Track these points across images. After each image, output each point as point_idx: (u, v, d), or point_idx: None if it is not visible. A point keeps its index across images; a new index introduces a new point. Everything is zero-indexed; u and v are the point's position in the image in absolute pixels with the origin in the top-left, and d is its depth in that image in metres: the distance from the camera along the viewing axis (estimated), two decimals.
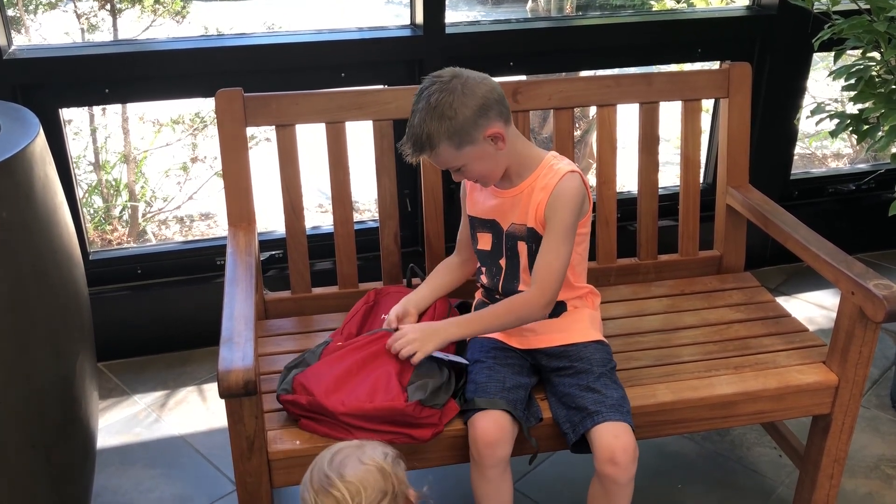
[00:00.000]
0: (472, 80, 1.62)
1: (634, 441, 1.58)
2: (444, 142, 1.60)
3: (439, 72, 1.64)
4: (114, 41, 3.60)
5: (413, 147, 1.63)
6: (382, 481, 1.32)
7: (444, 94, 1.59)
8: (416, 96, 1.63)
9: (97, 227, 3.78)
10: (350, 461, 1.33)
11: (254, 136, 3.81)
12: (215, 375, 2.11)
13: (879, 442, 2.27)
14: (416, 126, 1.61)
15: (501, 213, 1.75)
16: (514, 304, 1.71)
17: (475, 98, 1.60)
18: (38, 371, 1.60)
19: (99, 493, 2.08)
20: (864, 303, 1.69)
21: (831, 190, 3.13)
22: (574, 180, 1.68)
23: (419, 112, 1.60)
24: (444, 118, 1.58)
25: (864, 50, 2.11)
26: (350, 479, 1.30)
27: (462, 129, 1.59)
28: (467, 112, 1.59)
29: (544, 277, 1.67)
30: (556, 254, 1.66)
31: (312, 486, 1.32)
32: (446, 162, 1.65)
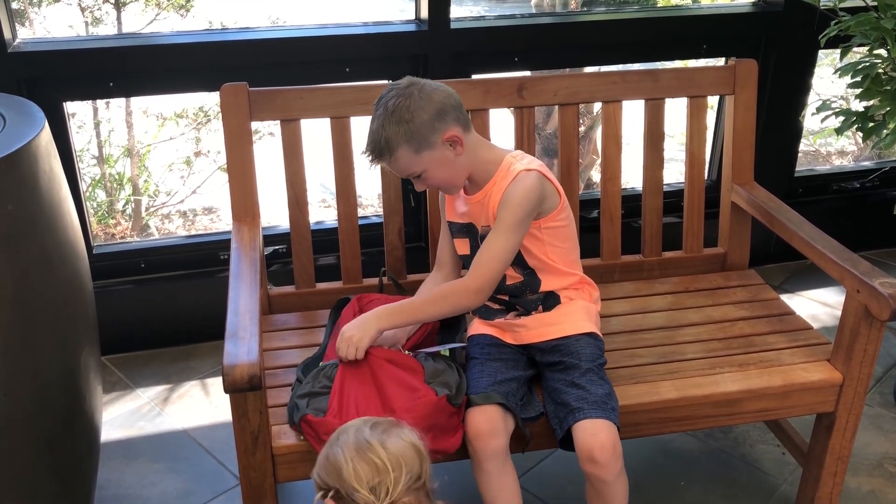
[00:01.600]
0: (428, 86, 1.64)
1: (614, 438, 1.58)
2: (402, 146, 1.61)
3: (397, 81, 1.66)
4: (118, 35, 3.60)
5: (372, 153, 1.64)
6: (419, 464, 1.27)
7: (401, 99, 1.60)
8: (375, 104, 1.65)
9: (100, 221, 3.78)
10: (392, 434, 1.28)
11: (257, 130, 3.81)
12: (219, 370, 2.11)
13: (883, 440, 2.27)
14: (374, 132, 1.62)
15: (473, 217, 1.76)
16: (445, 289, 1.72)
17: (432, 103, 1.61)
18: (43, 364, 1.60)
19: (102, 486, 2.08)
20: (869, 301, 1.68)
21: (836, 187, 3.12)
22: (527, 179, 1.66)
23: (378, 118, 1.62)
24: (401, 122, 1.59)
25: (870, 47, 2.11)
26: (392, 450, 1.24)
27: (419, 133, 1.60)
28: (424, 116, 1.60)
29: (480, 266, 1.67)
30: (493, 246, 1.66)
31: (348, 447, 1.25)
32: (406, 167, 1.64)
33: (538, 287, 1.76)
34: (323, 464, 1.28)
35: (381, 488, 1.22)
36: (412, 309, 1.71)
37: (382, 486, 1.22)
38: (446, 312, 1.72)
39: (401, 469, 1.23)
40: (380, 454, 1.24)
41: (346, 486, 1.23)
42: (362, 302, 1.87)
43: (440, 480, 1.40)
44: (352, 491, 1.22)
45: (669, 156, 2.46)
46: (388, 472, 1.23)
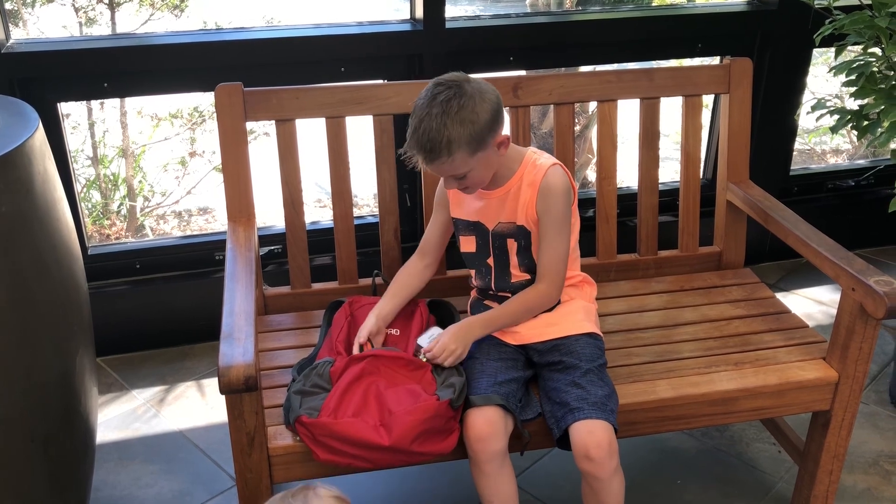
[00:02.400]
0: (482, 84, 1.61)
1: (611, 437, 1.58)
2: (463, 147, 1.57)
3: (446, 76, 1.62)
4: (112, 35, 3.59)
5: (427, 153, 1.58)
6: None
7: (464, 99, 1.56)
8: (424, 101, 1.59)
9: (95, 222, 3.77)
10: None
11: (252, 130, 3.80)
12: (214, 370, 2.10)
13: (878, 438, 2.27)
14: (433, 131, 1.56)
15: (487, 213, 1.76)
16: (528, 299, 1.74)
17: (490, 103, 1.60)
18: (38, 366, 1.60)
19: (98, 487, 2.08)
20: (864, 299, 1.69)
21: (831, 186, 3.13)
22: (558, 172, 1.70)
23: (437, 116, 1.55)
24: (465, 122, 1.56)
25: (865, 46, 2.11)
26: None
27: (480, 135, 1.58)
28: (486, 117, 1.58)
29: (551, 270, 1.72)
30: (557, 246, 1.70)
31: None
32: (456, 168, 1.61)
33: None
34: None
35: None
36: (498, 320, 1.75)
37: None
38: (531, 316, 1.77)
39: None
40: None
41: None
42: (353, 307, 1.87)
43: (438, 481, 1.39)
44: None
45: (665, 155, 2.46)
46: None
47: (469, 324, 1.72)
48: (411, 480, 2.10)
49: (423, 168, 1.64)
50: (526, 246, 1.75)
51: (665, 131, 2.27)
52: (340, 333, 1.78)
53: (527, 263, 1.76)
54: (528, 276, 1.77)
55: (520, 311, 1.75)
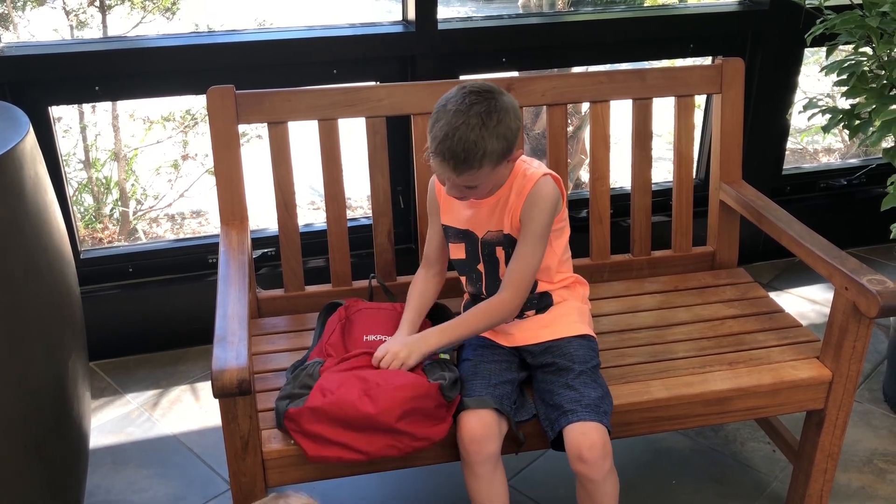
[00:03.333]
0: (511, 99, 1.61)
1: (604, 438, 1.58)
2: (493, 161, 1.57)
3: (478, 85, 1.59)
4: (103, 38, 3.57)
5: (459, 162, 1.55)
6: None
7: (502, 114, 1.56)
8: (456, 107, 1.55)
9: (87, 226, 3.76)
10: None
11: (245, 133, 3.80)
12: (208, 374, 2.09)
13: (872, 436, 2.28)
14: (469, 141, 1.53)
15: (476, 222, 1.75)
16: (488, 308, 1.71)
17: (519, 120, 1.61)
18: (31, 371, 1.59)
19: (92, 492, 2.07)
20: (857, 298, 1.69)
21: (823, 185, 3.14)
22: (547, 184, 1.68)
23: (474, 127, 1.53)
24: (501, 138, 1.55)
25: (855, 45, 2.11)
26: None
27: (510, 150, 1.59)
28: (517, 133, 1.60)
29: (517, 281, 1.69)
30: (529, 258, 1.68)
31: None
32: (474, 179, 1.60)
33: (534, 289, 1.77)
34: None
35: None
36: (455, 330, 1.71)
37: None
38: (490, 327, 1.74)
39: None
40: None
41: None
42: (350, 311, 1.86)
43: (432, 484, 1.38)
44: None
45: (657, 155, 2.47)
46: None
47: (425, 333, 1.71)
48: (406, 484, 2.09)
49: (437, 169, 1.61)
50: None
51: (658, 131, 2.27)
52: (332, 337, 1.77)
53: None
54: None
55: (481, 320, 1.71)
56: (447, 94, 1.61)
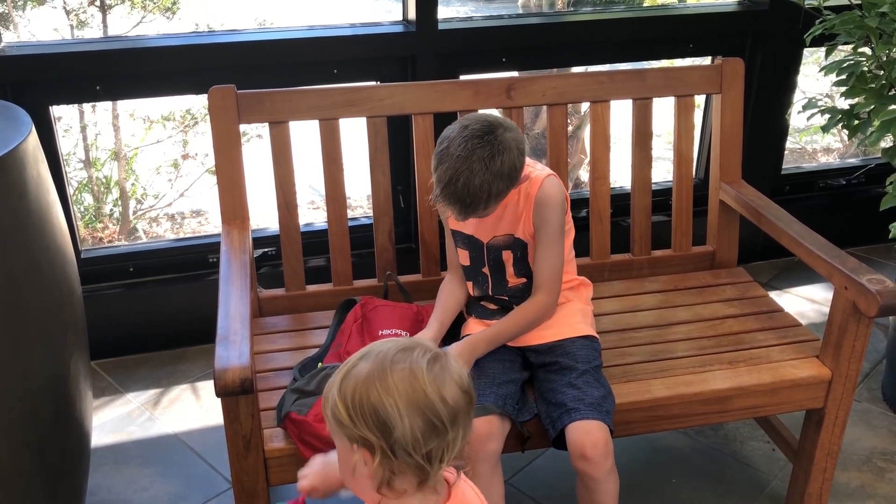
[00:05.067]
0: (513, 128, 1.60)
1: (607, 437, 1.59)
2: (500, 198, 1.59)
3: (477, 123, 1.57)
4: (104, 38, 3.58)
5: (466, 206, 1.56)
6: (470, 414, 1.10)
7: (505, 155, 1.55)
8: (458, 150, 1.54)
9: (88, 225, 3.76)
10: (447, 379, 1.07)
11: (245, 132, 3.80)
12: (209, 373, 2.10)
13: (871, 435, 2.28)
14: (475, 187, 1.53)
15: (482, 228, 1.76)
16: (527, 312, 1.74)
17: (522, 153, 1.60)
18: (32, 370, 1.59)
19: (93, 491, 2.07)
20: (857, 298, 1.70)
21: (822, 185, 3.14)
22: (553, 183, 1.70)
23: (478, 173, 1.52)
24: (505, 178, 1.56)
25: (855, 45, 2.12)
26: (451, 403, 1.06)
27: (514, 182, 1.60)
28: (521, 166, 1.60)
29: (549, 280, 1.72)
30: (553, 256, 1.71)
31: (399, 395, 1.05)
32: (485, 214, 1.64)
33: None
34: (358, 405, 1.05)
35: (436, 454, 1.06)
36: (500, 335, 1.73)
37: (438, 452, 1.06)
38: (530, 328, 1.76)
39: (457, 427, 1.07)
40: (439, 411, 1.05)
41: (396, 446, 1.05)
42: (366, 308, 1.87)
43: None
44: (404, 455, 1.05)
45: (657, 155, 2.47)
46: (446, 433, 1.06)
47: (473, 342, 1.72)
48: None
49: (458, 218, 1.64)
50: (522, 256, 1.76)
51: (657, 131, 2.27)
52: (350, 340, 1.78)
53: (523, 270, 1.77)
54: (524, 279, 1.78)
55: (521, 324, 1.74)
56: (449, 133, 1.59)
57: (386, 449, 1.05)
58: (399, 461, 1.05)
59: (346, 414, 1.05)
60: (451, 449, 1.07)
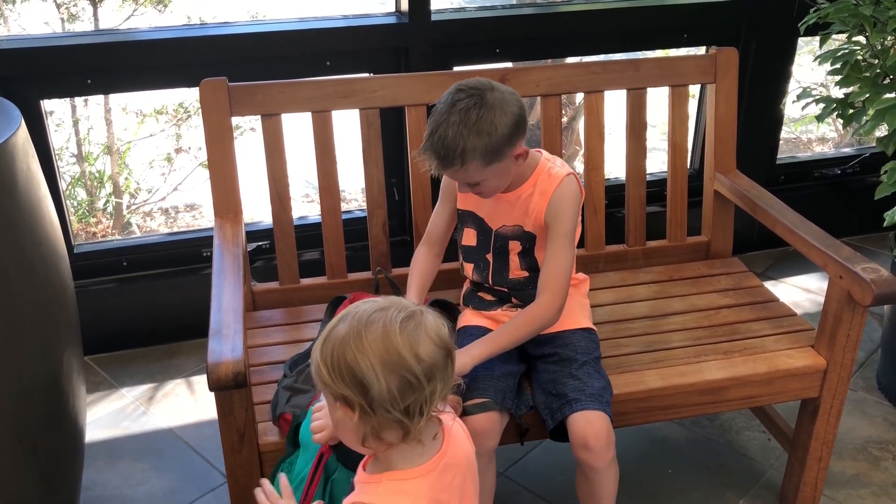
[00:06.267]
0: (507, 94, 1.58)
1: (609, 427, 1.59)
2: (477, 158, 1.55)
3: (470, 83, 1.58)
4: (95, 31, 3.55)
5: (441, 160, 1.56)
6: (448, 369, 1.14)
7: (483, 110, 1.53)
8: (443, 106, 1.56)
9: (81, 220, 3.74)
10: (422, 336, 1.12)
11: (238, 125, 3.78)
12: (203, 368, 2.09)
13: (867, 424, 2.29)
14: (449, 139, 1.53)
15: (493, 214, 1.75)
16: (529, 316, 1.67)
17: (511, 115, 1.56)
18: (25, 365, 1.58)
19: (88, 486, 2.06)
20: (852, 287, 1.70)
21: (817, 174, 3.14)
22: (571, 184, 1.68)
23: (453, 125, 1.53)
24: (482, 134, 1.53)
25: (849, 34, 2.11)
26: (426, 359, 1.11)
27: (497, 147, 1.56)
28: (505, 129, 1.55)
29: (554, 284, 1.66)
30: (562, 260, 1.66)
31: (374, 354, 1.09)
32: (469, 177, 1.60)
33: None
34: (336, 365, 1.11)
35: (415, 407, 1.11)
36: (499, 341, 1.66)
37: (416, 405, 1.11)
38: (534, 333, 1.69)
39: (435, 382, 1.12)
40: (413, 368, 1.10)
41: (374, 404, 1.10)
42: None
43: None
44: (382, 411, 1.10)
45: (652, 145, 2.46)
46: (423, 388, 1.11)
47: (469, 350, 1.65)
48: None
49: (435, 172, 1.61)
50: (529, 249, 1.75)
51: (652, 122, 2.27)
52: None
53: (528, 263, 1.76)
54: (526, 273, 1.77)
55: (521, 328, 1.67)
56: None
57: (365, 406, 1.10)
58: (378, 417, 1.11)
59: (327, 373, 1.11)
60: (430, 401, 1.12)
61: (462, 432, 1.27)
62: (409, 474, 1.17)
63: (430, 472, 1.17)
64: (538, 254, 1.74)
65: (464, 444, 1.25)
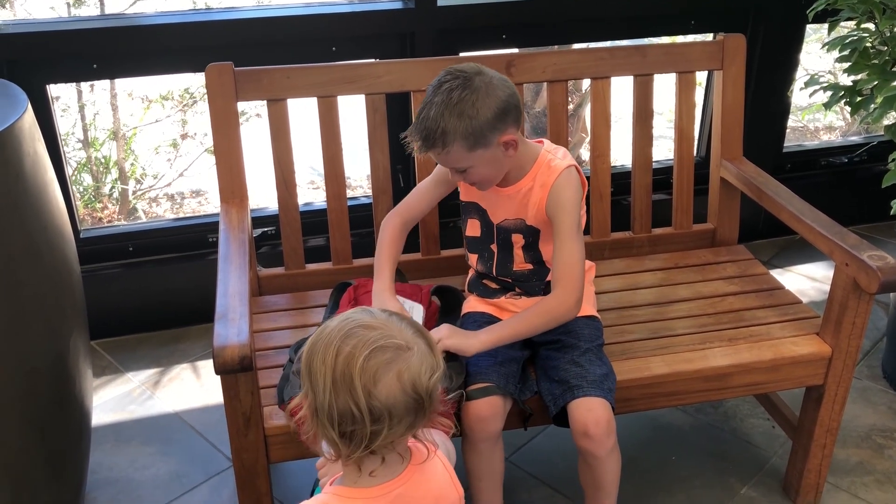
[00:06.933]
0: (495, 80, 1.57)
1: (609, 415, 1.59)
2: (458, 140, 1.54)
3: (460, 66, 1.57)
4: (101, 15, 3.55)
5: (424, 141, 1.56)
6: (410, 415, 1.09)
7: (466, 92, 1.52)
8: (431, 88, 1.56)
9: (87, 205, 3.75)
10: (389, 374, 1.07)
11: (244, 111, 3.78)
12: (209, 353, 2.10)
13: (871, 412, 2.29)
14: (430, 120, 1.53)
15: (494, 207, 1.74)
16: (544, 308, 1.64)
17: (497, 100, 1.55)
18: (32, 349, 1.59)
19: (94, 470, 2.08)
20: (858, 274, 1.69)
21: (824, 162, 3.13)
22: (572, 176, 1.66)
23: (436, 106, 1.53)
24: (463, 116, 1.52)
25: (858, 21, 2.10)
26: (381, 399, 1.06)
27: (479, 131, 1.54)
28: (488, 114, 1.53)
29: (566, 277, 1.63)
30: (572, 252, 1.63)
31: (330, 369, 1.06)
32: (453, 161, 1.59)
33: (545, 276, 1.77)
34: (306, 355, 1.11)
35: (353, 437, 1.07)
36: (510, 329, 1.64)
37: (356, 437, 1.07)
38: (548, 326, 1.66)
39: (383, 423, 1.06)
40: (359, 402, 1.05)
41: (319, 410, 1.08)
42: (358, 291, 1.86)
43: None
44: (321, 422, 1.08)
45: (658, 133, 2.45)
46: (363, 424, 1.06)
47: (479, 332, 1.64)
48: None
49: (419, 154, 1.62)
50: (533, 242, 1.74)
51: (658, 110, 2.26)
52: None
53: (532, 256, 1.76)
54: (531, 266, 1.77)
55: (533, 318, 1.64)
56: None
57: (312, 404, 1.10)
58: (318, 424, 1.09)
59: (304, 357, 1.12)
60: (374, 439, 1.07)
61: (442, 472, 1.21)
62: (353, 493, 1.13)
63: (377, 498, 1.12)
64: (543, 247, 1.74)
65: (435, 484, 1.19)
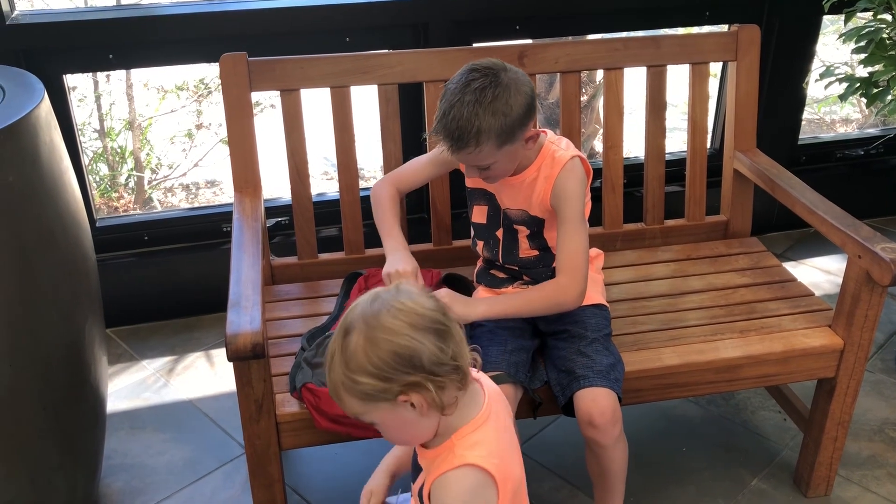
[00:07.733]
0: (519, 75, 1.56)
1: (615, 405, 1.59)
2: (492, 139, 1.53)
3: (483, 62, 1.56)
4: (117, 6, 3.57)
5: (455, 142, 1.54)
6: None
7: (499, 90, 1.52)
8: (456, 86, 1.54)
9: (103, 195, 3.78)
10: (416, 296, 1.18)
11: (258, 102, 3.79)
12: (222, 341, 2.12)
13: (884, 406, 2.28)
14: (463, 119, 1.51)
15: (500, 192, 1.75)
16: (547, 292, 1.65)
17: (525, 96, 1.55)
18: (47, 336, 1.61)
19: (109, 455, 2.10)
20: (870, 266, 1.68)
21: (839, 155, 3.11)
22: (576, 167, 1.66)
23: (468, 104, 1.51)
24: (497, 114, 1.51)
25: (874, 12, 2.09)
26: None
27: (511, 128, 1.54)
28: (520, 110, 1.54)
29: (570, 265, 1.63)
30: (574, 241, 1.64)
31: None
32: (481, 159, 1.58)
33: (551, 262, 1.77)
34: (384, 363, 1.14)
35: (456, 351, 1.17)
36: (509, 305, 1.66)
37: (457, 349, 1.18)
38: (547, 311, 1.68)
39: (452, 322, 1.19)
40: (434, 317, 1.17)
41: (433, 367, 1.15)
42: (370, 281, 1.87)
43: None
44: (441, 369, 1.16)
45: (672, 125, 2.44)
46: (450, 331, 1.17)
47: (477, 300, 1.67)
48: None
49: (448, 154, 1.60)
50: (538, 232, 1.74)
51: (673, 102, 2.25)
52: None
53: (538, 244, 1.76)
54: (536, 252, 1.77)
55: (535, 299, 1.65)
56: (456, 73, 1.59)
57: (426, 376, 1.14)
58: (443, 378, 1.16)
59: (380, 380, 1.14)
60: (462, 343, 1.19)
61: (483, 375, 1.33)
62: (474, 424, 1.22)
63: (489, 415, 1.24)
64: (548, 234, 1.75)
65: (488, 381, 1.33)
